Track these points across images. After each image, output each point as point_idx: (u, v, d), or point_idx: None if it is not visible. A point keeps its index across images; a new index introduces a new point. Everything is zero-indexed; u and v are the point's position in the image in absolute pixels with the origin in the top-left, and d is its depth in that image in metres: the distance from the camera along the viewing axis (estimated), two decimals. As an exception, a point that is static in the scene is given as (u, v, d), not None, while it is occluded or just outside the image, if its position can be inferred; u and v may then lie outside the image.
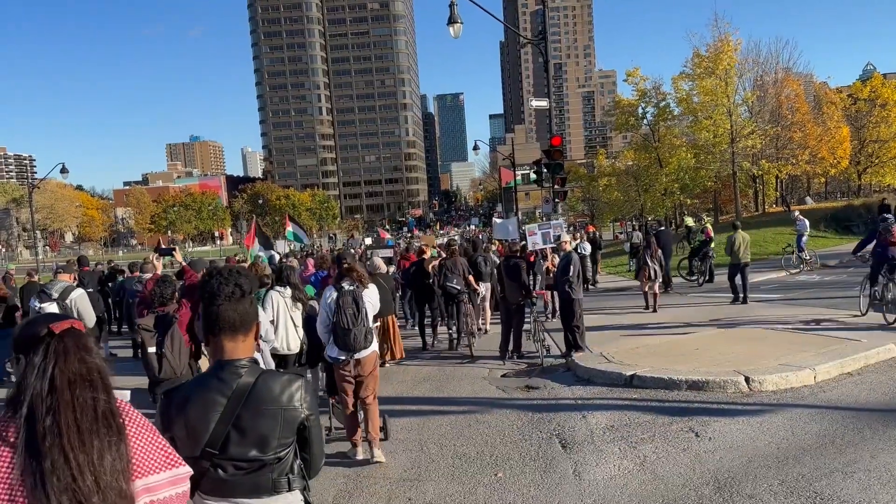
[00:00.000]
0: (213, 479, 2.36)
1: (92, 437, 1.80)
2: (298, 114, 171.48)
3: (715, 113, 40.58)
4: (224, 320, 2.44)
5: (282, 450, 2.40)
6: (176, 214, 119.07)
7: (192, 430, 2.34)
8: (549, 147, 20.62)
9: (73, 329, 1.94)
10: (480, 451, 6.51)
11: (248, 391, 2.38)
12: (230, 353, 2.45)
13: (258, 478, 2.38)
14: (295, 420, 2.42)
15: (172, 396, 2.47)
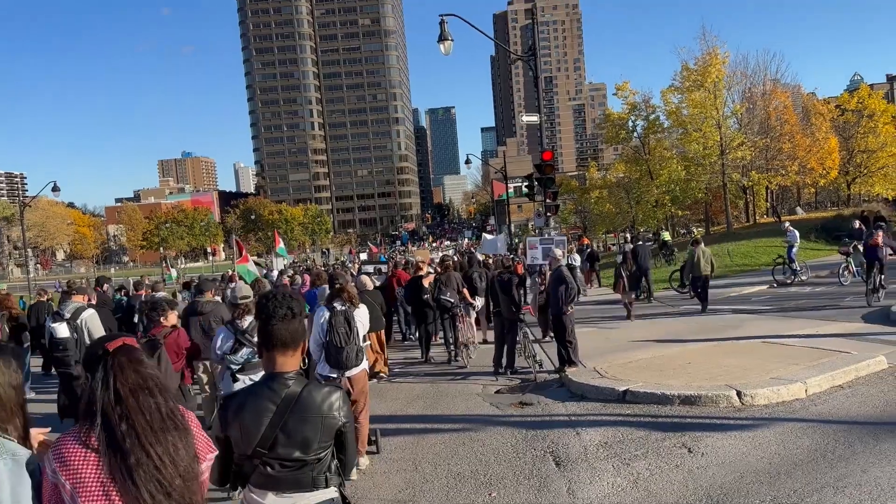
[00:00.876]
0: (261, 475, 2.73)
1: (165, 433, 2.21)
2: (290, 129, 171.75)
3: (704, 125, 40.91)
4: (277, 338, 2.81)
5: (321, 451, 2.75)
6: (168, 231, 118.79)
7: (246, 432, 2.71)
8: (541, 161, 20.73)
9: (124, 346, 2.34)
10: (475, 469, 6.52)
11: (294, 400, 2.72)
12: (280, 366, 2.81)
13: (300, 475, 2.73)
14: (333, 427, 2.77)
15: (230, 403, 2.85)
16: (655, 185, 44.20)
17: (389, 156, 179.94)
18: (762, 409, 7.49)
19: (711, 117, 40.67)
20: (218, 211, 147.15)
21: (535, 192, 22.52)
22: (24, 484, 2.26)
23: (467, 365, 11.92)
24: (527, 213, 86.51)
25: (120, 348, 2.31)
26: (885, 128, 47.09)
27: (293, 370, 2.83)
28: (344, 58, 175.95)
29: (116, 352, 2.30)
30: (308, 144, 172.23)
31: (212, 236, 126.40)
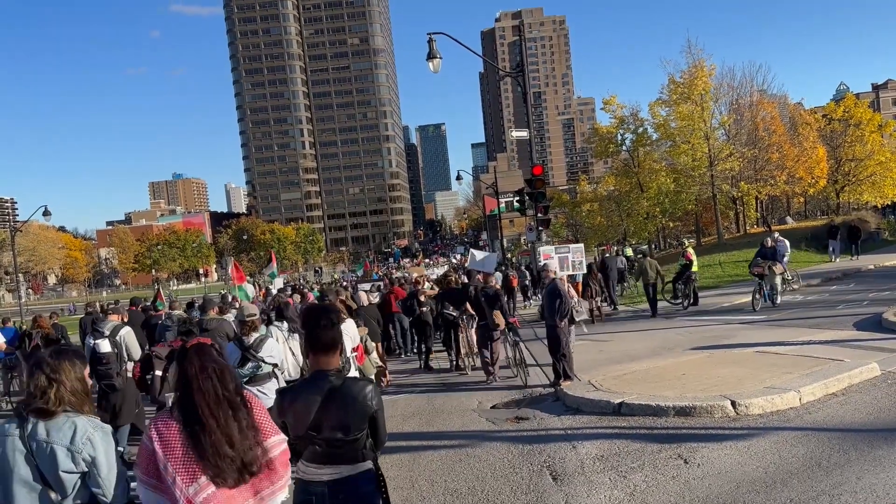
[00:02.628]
0: (312, 452, 3.36)
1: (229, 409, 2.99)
2: (281, 148, 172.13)
3: (693, 137, 41.22)
4: (320, 342, 3.42)
5: (358, 433, 3.33)
6: (160, 253, 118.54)
7: (299, 418, 3.32)
8: (532, 176, 20.85)
9: (199, 344, 3.14)
10: (472, 486, 6.50)
11: (336, 391, 3.31)
12: (324, 365, 3.43)
13: (342, 451, 3.33)
14: (367, 413, 3.35)
15: (286, 394, 3.52)
16: (645, 197, 44.45)
17: (381, 173, 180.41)
18: (757, 419, 7.51)
19: (699, 129, 40.98)
20: (210, 232, 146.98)
21: (527, 206, 22.64)
22: (113, 450, 3.11)
23: (468, 372, 12.90)
24: (519, 228, 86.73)
25: (195, 345, 3.12)
26: (871, 136, 47.58)
27: (334, 368, 3.45)
28: (333, 77, 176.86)
29: (192, 348, 3.10)
30: (299, 164, 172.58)
31: (204, 257, 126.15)
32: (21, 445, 3.00)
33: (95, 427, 3.10)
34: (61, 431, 3.02)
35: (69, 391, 3.11)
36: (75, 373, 3.18)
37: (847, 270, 24.56)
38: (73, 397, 3.12)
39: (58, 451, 2.99)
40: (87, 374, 3.29)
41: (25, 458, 3.00)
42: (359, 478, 3.34)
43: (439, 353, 15.11)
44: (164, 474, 2.86)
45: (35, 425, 3.03)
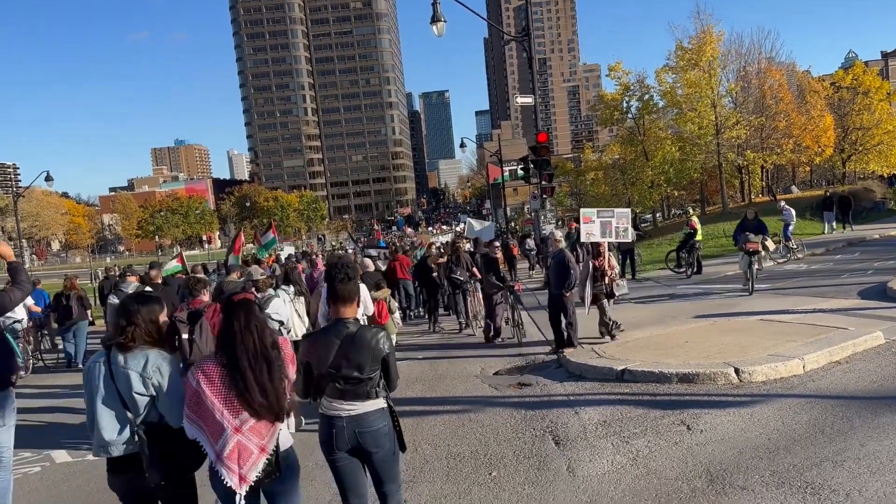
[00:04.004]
0: (332, 389, 3.85)
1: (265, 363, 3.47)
2: (284, 115, 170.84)
3: (699, 105, 40.72)
4: (339, 294, 3.98)
5: (372, 373, 3.86)
6: (163, 219, 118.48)
7: (321, 358, 3.86)
8: (536, 143, 20.70)
9: (244, 299, 3.62)
10: (475, 450, 6.53)
11: (352, 337, 3.86)
12: (342, 314, 3.98)
13: (359, 388, 3.85)
14: (379, 355, 3.89)
15: (310, 338, 4.15)
16: (650, 165, 44.11)
17: (384, 140, 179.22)
18: (760, 386, 7.51)
19: (706, 97, 40.46)
20: (212, 198, 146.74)
21: (531, 174, 22.52)
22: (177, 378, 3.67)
23: (476, 332, 13.44)
24: (522, 197, 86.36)
25: (240, 300, 3.60)
26: (879, 104, 46.99)
27: (352, 317, 3.99)
28: (336, 42, 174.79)
29: (238, 302, 3.58)
30: (302, 130, 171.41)
31: (207, 224, 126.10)
32: (105, 370, 3.67)
33: (164, 359, 3.70)
34: (136, 360, 3.63)
35: (144, 331, 3.72)
36: (151, 315, 3.79)
37: (852, 240, 24.45)
38: (146, 335, 3.72)
39: (132, 376, 3.61)
40: (162, 316, 3.88)
41: (107, 381, 3.66)
42: (372, 414, 3.88)
43: (444, 316, 15.99)
44: (209, 409, 3.38)
45: (116, 355, 3.67)
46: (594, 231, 10.82)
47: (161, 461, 3.60)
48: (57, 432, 8.88)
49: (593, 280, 10.73)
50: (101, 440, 3.66)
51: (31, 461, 7.81)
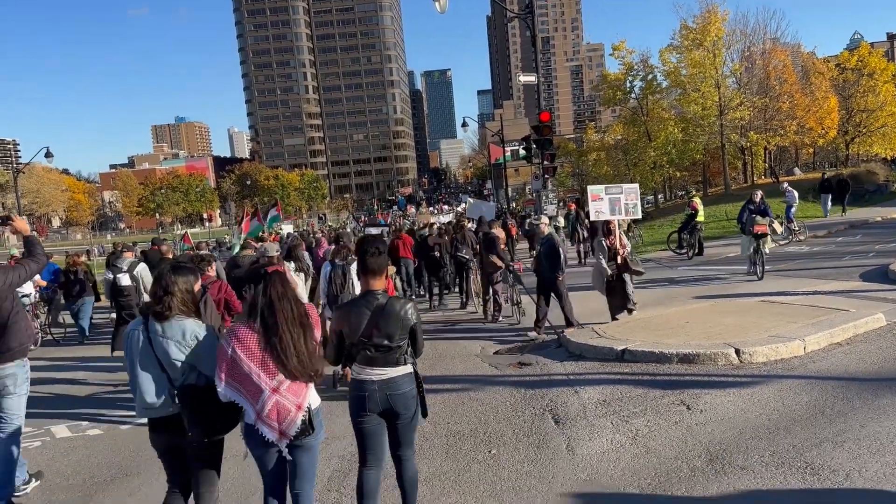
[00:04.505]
0: (363, 356, 4.10)
1: (293, 325, 3.72)
2: (284, 92, 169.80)
3: (703, 85, 40.41)
4: (369, 267, 4.22)
5: (401, 341, 4.12)
6: (163, 197, 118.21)
7: (353, 328, 4.10)
8: (538, 123, 20.57)
9: (277, 271, 3.90)
10: (474, 428, 6.53)
11: (382, 307, 4.10)
12: (372, 286, 4.22)
13: (388, 356, 4.11)
14: (408, 325, 4.15)
15: (343, 308, 4.42)
16: (653, 146, 43.86)
17: (385, 119, 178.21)
18: (761, 367, 7.50)
19: (710, 77, 40.14)
20: (213, 176, 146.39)
21: (533, 154, 22.40)
22: (214, 345, 3.87)
23: (478, 310, 13.52)
24: (524, 177, 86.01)
25: (276, 272, 3.89)
26: (884, 87, 46.61)
27: (381, 288, 4.22)
28: (337, 19, 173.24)
29: (274, 274, 3.86)
30: (302, 108, 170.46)
31: (207, 202, 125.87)
32: (143, 338, 3.92)
33: (200, 327, 3.97)
34: (173, 329, 3.88)
35: (180, 301, 3.95)
36: (186, 285, 4.02)
37: (854, 222, 24.37)
38: (182, 305, 3.95)
39: (170, 344, 3.86)
40: (198, 287, 4.12)
41: (146, 348, 3.91)
42: (401, 378, 4.15)
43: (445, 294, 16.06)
44: (246, 373, 3.64)
45: (153, 324, 3.90)
46: (603, 209, 10.55)
47: (199, 421, 3.83)
48: (58, 406, 8.90)
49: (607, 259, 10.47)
50: (142, 403, 3.99)
51: (31, 435, 7.82)
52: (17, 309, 5.68)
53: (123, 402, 9.00)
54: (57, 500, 5.79)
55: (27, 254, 5.75)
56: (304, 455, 3.90)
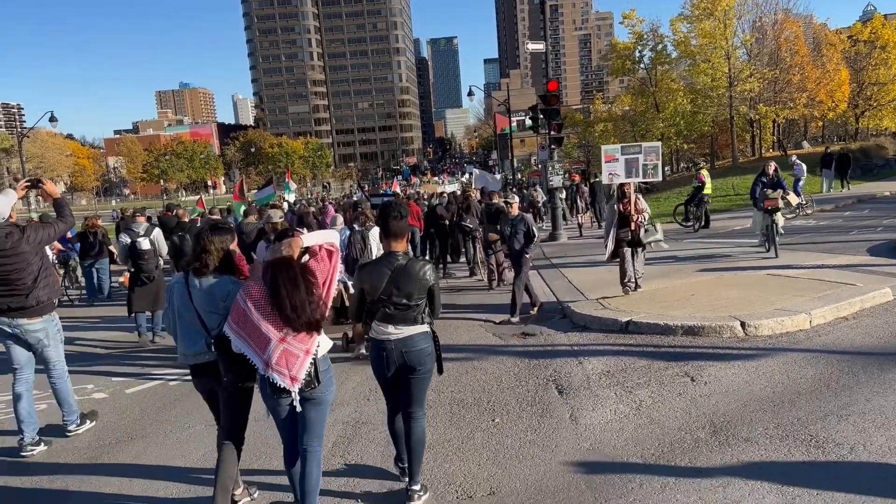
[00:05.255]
0: (383, 314, 4.33)
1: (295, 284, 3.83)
2: (289, 59, 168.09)
3: (713, 56, 39.96)
4: (391, 230, 4.42)
5: (419, 300, 4.34)
6: (168, 163, 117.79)
7: (374, 286, 4.32)
8: (546, 92, 20.31)
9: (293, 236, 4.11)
10: (478, 397, 6.54)
11: (402, 268, 4.31)
12: (393, 247, 4.42)
13: (407, 314, 4.33)
14: (426, 285, 4.36)
15: (365, 268, 4.51)
16: (661, 117, 43.52)
17: (390, 88, 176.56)
18: (766, 340, 7.48)
19: (720, 47, 39.68)
20: (217, 143, 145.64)
21: (540, 124, 22.17)
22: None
23: (484, 279, 13.77)
24: (530, 148, 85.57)
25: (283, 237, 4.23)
26: (897, 59, 46.04)
27: (402, 250, 4.42)
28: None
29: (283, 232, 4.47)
30: (307, 76, 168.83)
31: (212, 169, 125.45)
32: (184, 291, 4.30)
33: (234, 282, 4.26)
34: (211, 284, 4.23)
35: (217, 258, 4.27)
36: (223, 244, 4.31)
37: (862, 196, 24.19)
38: (218, 262, 4.27)
39: (207, 297, 4.23)
40: (232, 246, 4.39)
41: (185, 300, 4.29)
42: (418, 336, 4.37)
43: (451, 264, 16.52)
44: (255, 325, 3.82)
45: (193, 279, 4.27)
46: (618, 170, 9.80)
47: (233, 368, 4.11)
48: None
49: (618, 226, 9.82)
50: (183, 350, 4.43)
51: (36, 398, 7.86)
52: (46, 265, 6.13)
53: (129, 365, 9.05)
54: (61, 463, 5.83)
55: (57, 215, 6.30)
56: (312, 409, 4.03)
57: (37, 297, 5.95)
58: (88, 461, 5.82)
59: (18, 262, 5.84)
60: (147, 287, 10.19)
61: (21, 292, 5.88)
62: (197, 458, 5.62)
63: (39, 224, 6.30)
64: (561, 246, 18.98)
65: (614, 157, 9.87)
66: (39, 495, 5.23)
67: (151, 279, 10.20)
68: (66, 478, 5.45)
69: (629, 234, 9.83)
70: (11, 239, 5.82)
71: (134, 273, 10.27)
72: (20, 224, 6.12)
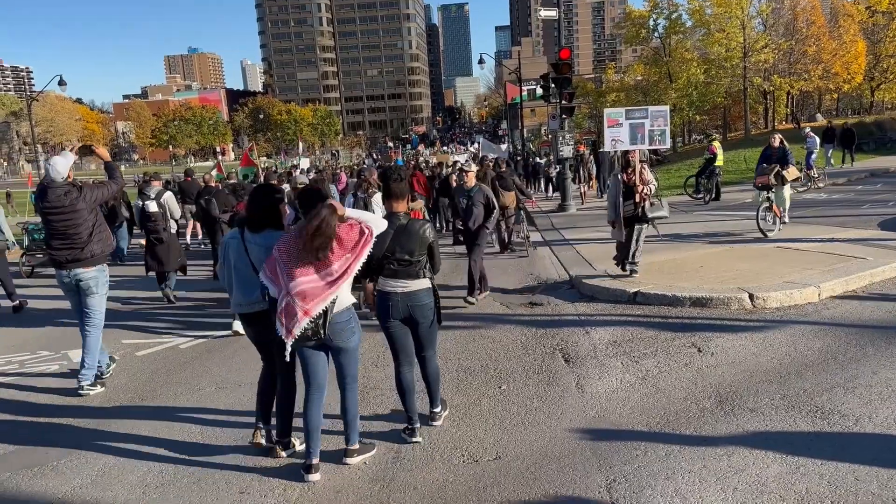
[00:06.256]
0: (388, 269, 4.75)
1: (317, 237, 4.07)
2: (298, 24, 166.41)
3: (728, 26, 39.33)
4: (393, 192, 4.89)
5: (420, 257, 4.77)
6: (176, 129, 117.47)
7: (379, 245, 4.48)
8: (558, 60, 20.08)
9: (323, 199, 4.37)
10: (484, 364, 6.59)
11: (404, 227, 4.75)
12: (395, 208, 4.88)
13: (409, 269, 4.76)
14: (426, 242, 4.79)
15: None
16: (674, 88, 43.03)
17: (400, 55, 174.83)
18: (774, 312, 7.47)
19: (736, 17, 39.04)
20: (226, 109, 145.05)
21: (551, 93, 21.96)
22: None
23: (496, 247, 13.79)
24: (540, 118, 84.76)
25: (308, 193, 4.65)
26: (917, 31, 45.18)
27: (403, 211, 4.87)
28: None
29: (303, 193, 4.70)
30: (316, 41, 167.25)
31: (220, 135, 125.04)
32: (241, 246, 4.71)
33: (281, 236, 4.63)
34: (264, 237, 4.63)
35: (268, 214, 4.72)
36: (274, 202, 4.75)
37: (875, 170, 23.97)
38: (269, 218, 4.70)
39: (261, 250, 4.59)
40: (283, 207, 4.82)
41: (241, 253, 4.71)
42: (421, 291, 4.80)
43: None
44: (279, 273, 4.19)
45: (247, 234, 4.71)
46: (622, 136, 9.05)
47: None
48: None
49: (623, 199, 9.04)
50: (237, 299, 4.83)
51: (48, 360, 7.98)
52: (99, 221, 6.72)
53: (139, 329, 9.14)
54: (70, 425, 5.92)
55: (108, 177, 6.87)
56: (339, 355, 4.49)
57: (91, 250, 6.53)
58: (98, 425, 5.90)
59: (76, 218, 6.45)
60: (159, 248, 10.53)
61: (78, 245, 6.48)
62: (208, 420, 5.69)
63: (94, 184, 6.82)
64: (570, 217, 18.93)
65: (617, 121, 9.12)
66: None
67: (160, 241, 10.55)
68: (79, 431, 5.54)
69: (633, 207, 9.07)
70: (70, 197, 6.43)
71: (145, 235, 10.75)
72: (77, 183, 6.67)
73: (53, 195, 6.42)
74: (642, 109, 9.55)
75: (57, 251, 6.51)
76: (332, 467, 4.62)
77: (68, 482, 4.72)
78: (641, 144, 9.24)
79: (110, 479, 4.73)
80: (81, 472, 4.87)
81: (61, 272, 6.56)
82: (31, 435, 5.66)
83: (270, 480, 4.54)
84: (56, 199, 6.41)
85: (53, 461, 5.07)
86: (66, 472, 4.89)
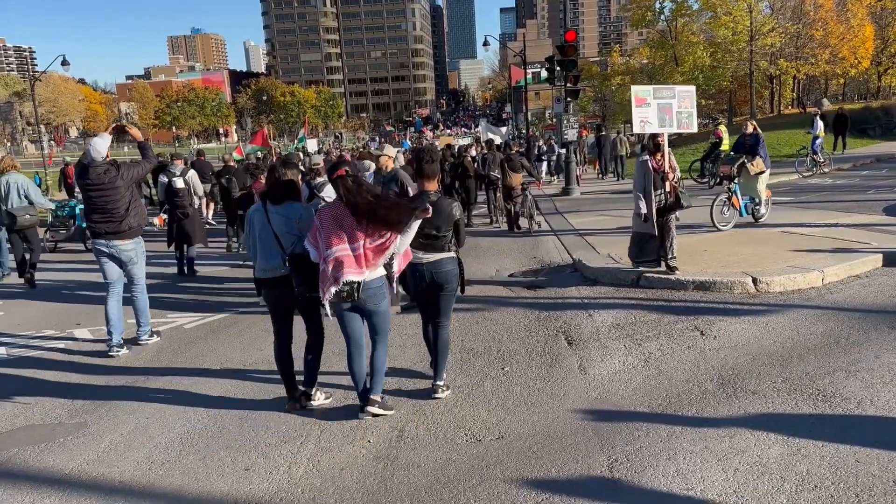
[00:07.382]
0: (417, 243, 5.03)
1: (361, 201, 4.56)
2: (301, 5, 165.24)
3: (735, 9, 38.99)
4: (425, 172, 5.22)
5: (447, 232, 5.15)
6: (179, 110, 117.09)
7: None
8: (563, 42, 19.97)
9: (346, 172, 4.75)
10: (487, 346, 6.61)
11: (434, 204, 4.94)
12: (426, 187, 5.20)
13: (437, 243, 5.15)
14: (452, 219, 5.15)
15: None
16: (680, 71, 42.67)
17: (404, 37, 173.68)
18: (777, 296, 7.48)
19: (743, 0, 38.65)
20: (229, 91, 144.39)
21: (556, 75, 21.83)
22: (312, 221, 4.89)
23: (502, 226, 14.76)
24: (545, 101, 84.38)
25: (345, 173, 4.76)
26: (925, 16, 44.77)
27: (433, 189, 5.21)
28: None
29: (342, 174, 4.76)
30: (320, 23, 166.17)
31: (223, 117, 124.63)
32: (264, 218, 5.08)
33: (306, 208, 5.22)
34: (285, 209, 5.05)
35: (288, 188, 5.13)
36: (293, 177, 5.21)
37: (880, 156, 23.85)
38: (287, 193, 5.10)
39: (283, 220, 5.02)
40: (301, 178, 5.25)
41: (264, 223, 5.07)
42: (445, 260, 5.21)
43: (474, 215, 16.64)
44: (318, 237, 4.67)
45: (270, 205, 5.08)
46: (650, 117, 8.34)
47: (304, 280, 4.90)
48: (82, 310, 9.10)
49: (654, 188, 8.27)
50: (261, 266, 5.19)
51: (54, 338, 8.03)
52: (135, 197, 7.26)
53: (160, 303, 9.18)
54: (75, 403, 5.97)
55: (142, 156, 7.42)
56: (371, 316, 4.94)
57: (128, 224, 7.09)
58: (95, 407, 5.94)
59: (114, 194, 6.98)
60: (183, 223, 11.15)
61: (116, 219, 7.03)
62: (212, 399, 5.73)
63: (131, 163, 7.44)
64: (574, 201, 18.89)
65: (645, 100, 8.36)
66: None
67: (186, 216, 11.21)
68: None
69: (664, 196, 8.36)
70: (109, 175, 6.98)
71: (170, 210, 11.36)
72: (116, 162, 7.31)
73: (94, 173, 6.94)
74: (669, 88, 8.87)
75: (97, 224, 7.06)
76: (336, 445, 4.67)
77: (74, 458, 4.77)
78: (670, 127, 8.57)
79: (116, 455, 4.78)
80: (87, 448, 4.92)
81: (100, 241, 7.11)
82: (39, 412, 5.70)
83: (275, 458, 4.58)
84: (96, 176, 6.93)
85: (60, 437, 5.13)
86: (72, 448, 4.95)
